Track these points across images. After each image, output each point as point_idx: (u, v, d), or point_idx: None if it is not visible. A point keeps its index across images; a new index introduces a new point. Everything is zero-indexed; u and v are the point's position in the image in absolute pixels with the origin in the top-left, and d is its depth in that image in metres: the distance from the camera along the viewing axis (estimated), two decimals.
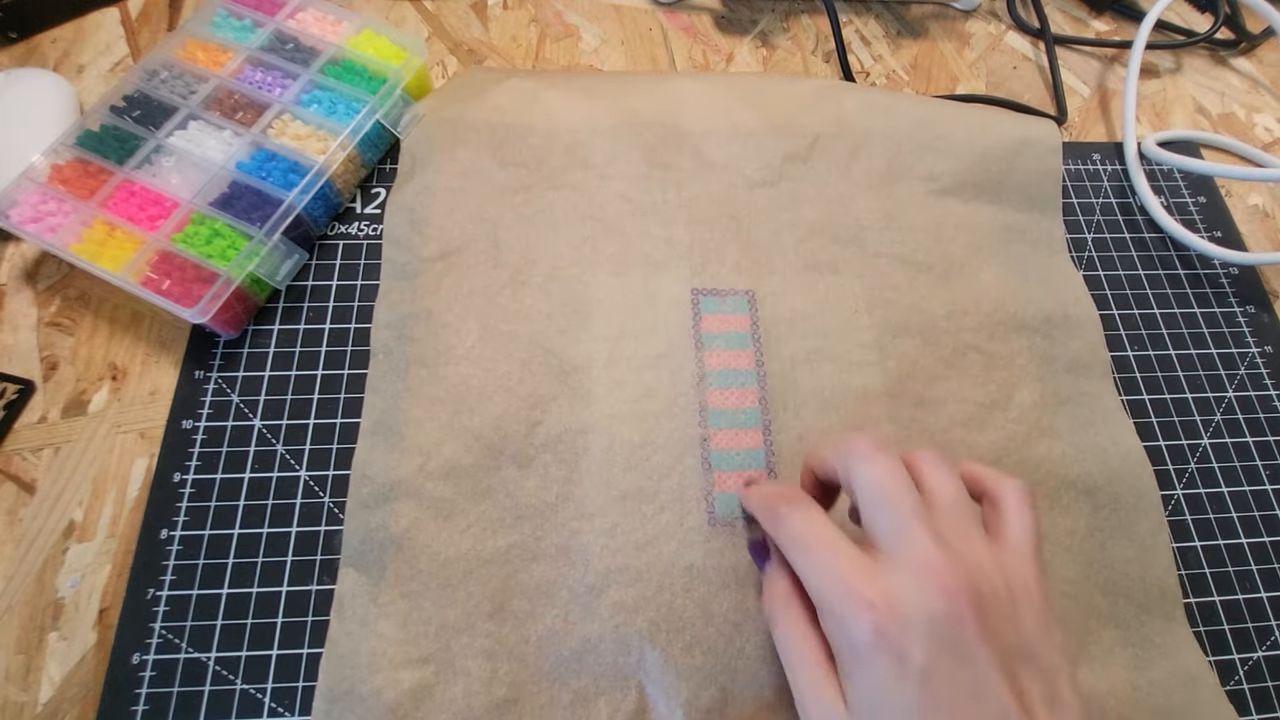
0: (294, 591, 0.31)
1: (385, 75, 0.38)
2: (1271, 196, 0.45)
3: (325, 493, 0.32)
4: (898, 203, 0.39)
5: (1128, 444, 0.35)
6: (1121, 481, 0.34)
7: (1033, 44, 0.50)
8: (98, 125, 0.36)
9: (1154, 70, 0.49)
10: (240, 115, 0.37)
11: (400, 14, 0.46)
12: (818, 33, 0.49)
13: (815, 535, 0.23)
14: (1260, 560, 0.34)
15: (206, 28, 0.39)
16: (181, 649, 0.29)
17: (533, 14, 0.47)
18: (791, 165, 0.39)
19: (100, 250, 0.33)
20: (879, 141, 0.40)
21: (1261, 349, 0.40)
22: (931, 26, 0.50)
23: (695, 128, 0.40)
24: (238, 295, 0.34)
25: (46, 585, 0.30)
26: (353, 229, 0.38)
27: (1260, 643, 0.33)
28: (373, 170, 0.40)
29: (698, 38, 0.48)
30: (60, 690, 0.29)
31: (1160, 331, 0.40)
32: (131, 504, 0.32)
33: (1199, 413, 0.38)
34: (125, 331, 0.36)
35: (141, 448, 0.33)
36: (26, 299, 0.36)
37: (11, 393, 0.33)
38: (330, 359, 0.35)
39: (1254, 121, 0.48)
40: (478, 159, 0.38)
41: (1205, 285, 0.41)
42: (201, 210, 0.34)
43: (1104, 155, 0.45)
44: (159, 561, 0.31)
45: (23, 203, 0.34)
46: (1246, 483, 0.36)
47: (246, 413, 0.34)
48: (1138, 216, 0.43)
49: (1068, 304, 0.38)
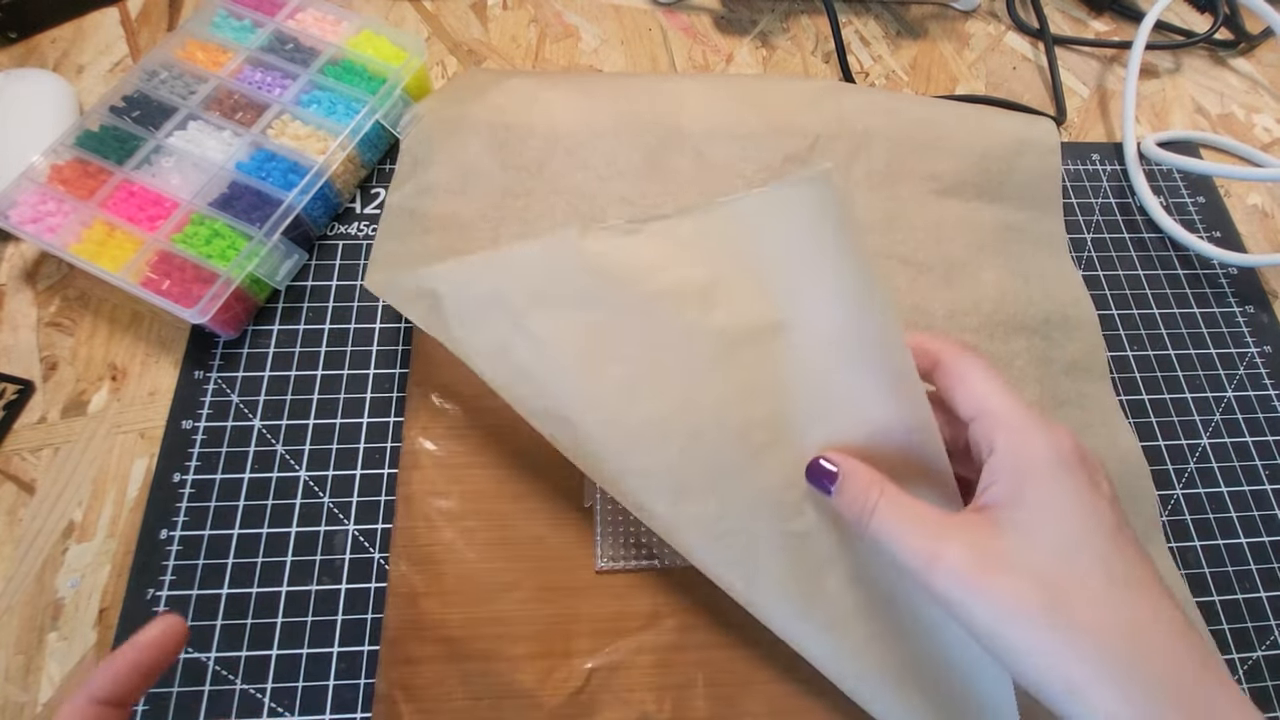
0: (294, 591, 0.31)
1: (385, 75, 0.38)
2: (1271, 196, 0.45)
3: (325, 493, 0.32)
4: (899, 203, 0.39)
5: (1125, 445, 0.35)
6: (1118, 482, 0.34)
7: (1032, 44, 0.50)
8: (97, 125, 0.36)
9: (1153, 70, 0.49)
10: (240, 115, 0.37)
11: (400, 14, 0.46)
12: (817, 33, 0.49)
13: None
14: (1260, 560, 0.34)
15: (206, 28, 0.39)
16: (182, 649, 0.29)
17: (532, 14, 0.47)
18: (792, 166, 0.39)
19: (100, 250, 0.33)
20: (879, 142, 0.40)
21: (1261, 349, 0.40)
22: (931, 27, 0.50)
23: (695, 129, 0.40)
24: (237, 295, 0.34)
25: (46, 585, 0.30)
26: (352, 229, 0.38)
27: (1260, 642, 0.33)
28: (373, 170, 0.40)
29: (697, 38, 0.48)
30: (60, 690, 0.29)
31: (1160, 331, 0.40)
32: (131, 504, 0.32)
33: (1199, 413, 0.38)
34: (125, 331, 0.36)
35: (141, 448, 0.33)
36: (26, 299, 0.36)
37: (11, 393, 0.33)
38: (330, 359, 0.35)
39: (1253, 121, 0.48)
40: (479, 161, 0.38)
41: (1205, 285, 0.41)
42: (201, 210, 0.34)
43: (1103, 155, 0.45)
44: (159, 561, 0.31)
45: (23, 203, 0.34)
46: (1246, 483, 0.36)
47: (246, 413, 0.34)
48: (1137, 217, 0.43)
49: (1067, 305, 0.38)
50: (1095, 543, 0.21)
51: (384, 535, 0.32)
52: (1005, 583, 0.21)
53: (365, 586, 0.31)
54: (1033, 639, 0.20)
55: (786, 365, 0.27)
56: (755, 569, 0.26)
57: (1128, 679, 0.19)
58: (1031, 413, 0.23)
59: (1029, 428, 0.22)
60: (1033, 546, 0.21)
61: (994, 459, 0.22)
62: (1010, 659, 0.21)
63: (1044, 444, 0.22)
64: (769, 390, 0.27)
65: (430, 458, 0.33)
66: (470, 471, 0.33)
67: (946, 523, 0.22)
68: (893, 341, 0.24)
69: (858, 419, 0.26)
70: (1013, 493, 0.22)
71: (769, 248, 0.26)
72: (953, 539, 0.22)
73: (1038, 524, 0.21)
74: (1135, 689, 0.19)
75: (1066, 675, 0.20)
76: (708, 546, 0.26)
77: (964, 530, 0.22)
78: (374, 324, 0.36)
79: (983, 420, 0.23)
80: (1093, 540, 0.21)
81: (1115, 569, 0.21)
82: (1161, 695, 0.19)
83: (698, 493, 0.26)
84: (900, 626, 0.26)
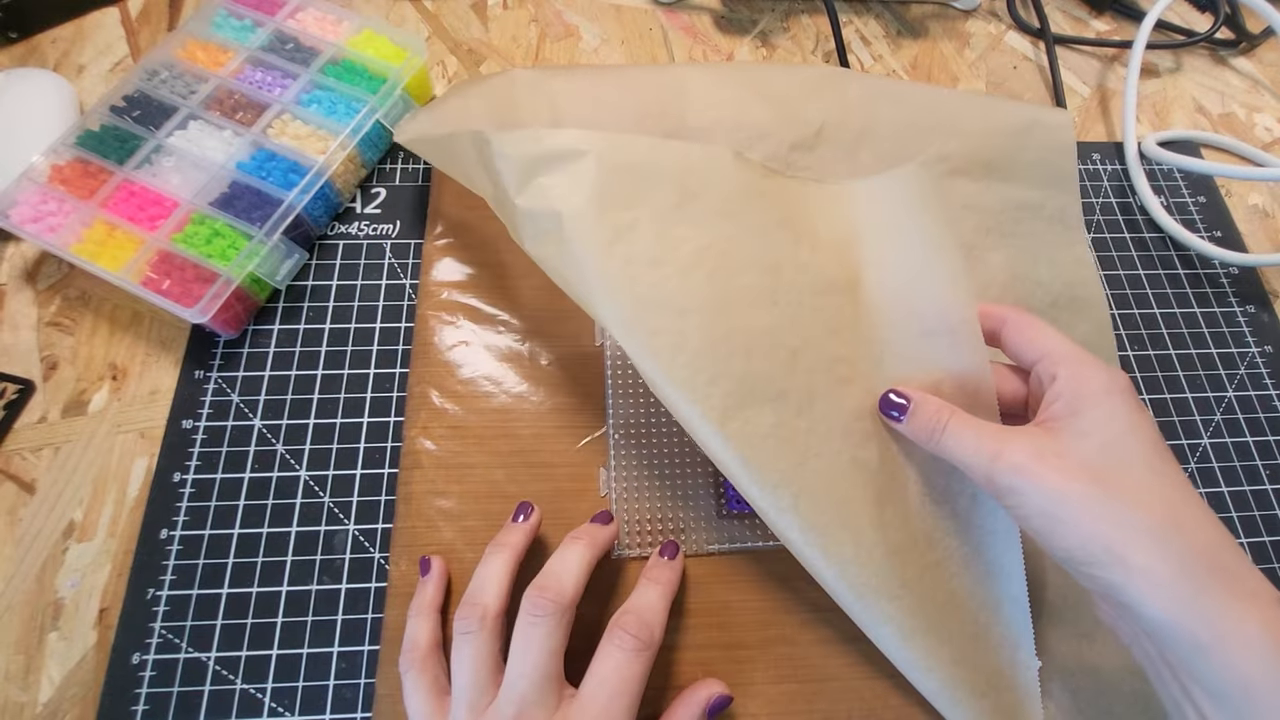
0: (294, 591, 0.31)
1: (385, 75, 0.38)
2: (1271, 196, 0.45)
3: (325, 493, 0.32)
4: None
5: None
6: None
7: (1033, 44, 0.50)
8: (98, 125, 0.36)
9: (1154, 70, 0.49)
10: (240, 115, 0.37)
11: (400, 14, 0.46)
12: (818, 32, 0.49)
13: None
14: (1260, 560, 0.34)
15: (207, 28, 0.39)
16: (181, 649, 0.29)
17: (533, 14, 0.47)
18: (799, 155, 0.39)
19: (100, 250, 0.33)
20: (885, 126, 0.40)
21: (1261, 349, 0.40)
22: (931, 26, 0.50)
23: (701, 121, 0.39)
24: (238, 295, 0.34)
25: (46, 585, 0.30)
26: (353, 229, 0.38)
27: None
28: (373, 170, 0.40)
29: (698, 37, 0.48)
30: (60, 690, 0.29)
31: (1160, 331, 0.40)
32: (131, 504, 0.32)
33: (1199, 413, 0.38)
34: (125, 331, 0.36)
35: (141, 448, 0.33)
36: (26, 299, 0.36)
37: (11, 393, 0.33)
38: (330, 359, 0.35)
39: (1254, 121, 0.48)
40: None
41: (1205, 285, 0.41)
42: (201, 210, 0.34)
43: (1104, 155, 0.45)
44: (159, 561, 0.31)
45: (23, 203, 0.34)
46: (1246, 483, 0.36)
47: (246, 413, 0.34)
48: (1138, 216, 0.43)
49: (1075, 286, 0.38)
50: (1139, 445, 0.24)
51: (384, 535, 0.32)
52: (1058, 466, 0.23)
53: (365, 586, 0.31)
54: (1079, 511, 0.23)
55: (865, 315, 0.31)
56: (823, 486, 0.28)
57: (1163, 543, 0.22)
58: (1088, 353, 0.26)
59: (1087, 362, 0.25)
60: (1084, 445, 0.24)
61: (1055, 385, 0.25)
62: (1060, 534, 0.23)
63: (1101, 374, 0.25)
64: (851, 333, 0.30)
65: (430, 458, 0.33)
66: (470, 471, 0.33)
67: (1009, 430, 0.25)
68: (963, 298, 0.29)
69: (923, 363, 0.29)
70: (1070, 409, 0.25)
71: (864, 219, 0.32)
72: (1014, 440, 0.25)
73: (1089, 430, 0.24)
74: (1170, 551, 0.22)
75: (1108, 541, 0.22)
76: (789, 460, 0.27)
77: (1024, 435, 0.25)
78: (374, 324, 0.36)
79: (1046, 360, 0.26)
80: (1137, 443, 0.24)
81: (1155, 465, 0.23)
82: (1193, 559, 0.22)
83: (794, 404, 0.28)
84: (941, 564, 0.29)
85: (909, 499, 0.29)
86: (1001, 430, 0.26)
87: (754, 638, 0.31)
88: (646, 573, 0.29)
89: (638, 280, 0.27)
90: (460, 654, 0.26)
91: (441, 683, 0.27)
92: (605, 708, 0.24)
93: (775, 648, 0.30)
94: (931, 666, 0.27)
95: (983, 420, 0.27)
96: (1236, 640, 0.21)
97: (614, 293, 0.27)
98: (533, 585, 0.26)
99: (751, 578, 0.32)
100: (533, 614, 0.25)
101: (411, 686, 0.27)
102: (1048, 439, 0.24)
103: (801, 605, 0.31)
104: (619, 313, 0.27)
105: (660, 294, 0.27)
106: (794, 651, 0.30)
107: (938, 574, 0.28)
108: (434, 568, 0.30)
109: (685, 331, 0.27)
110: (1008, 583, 0.29)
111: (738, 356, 0.27)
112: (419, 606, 0.29)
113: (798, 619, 0.31)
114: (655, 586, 0.28)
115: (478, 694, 0.25)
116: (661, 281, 0.28)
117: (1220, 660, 0.21)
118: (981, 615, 0.29)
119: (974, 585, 0.29)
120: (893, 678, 0.29)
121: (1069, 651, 0.30)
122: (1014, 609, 0.29)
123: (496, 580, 0.27)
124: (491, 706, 0.25)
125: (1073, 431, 0.24)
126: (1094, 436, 0.24)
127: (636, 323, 0.27)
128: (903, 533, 0.28)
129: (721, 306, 0.28)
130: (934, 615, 0.28)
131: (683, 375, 0.27)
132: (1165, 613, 0.21)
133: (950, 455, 0.26)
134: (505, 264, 0.37)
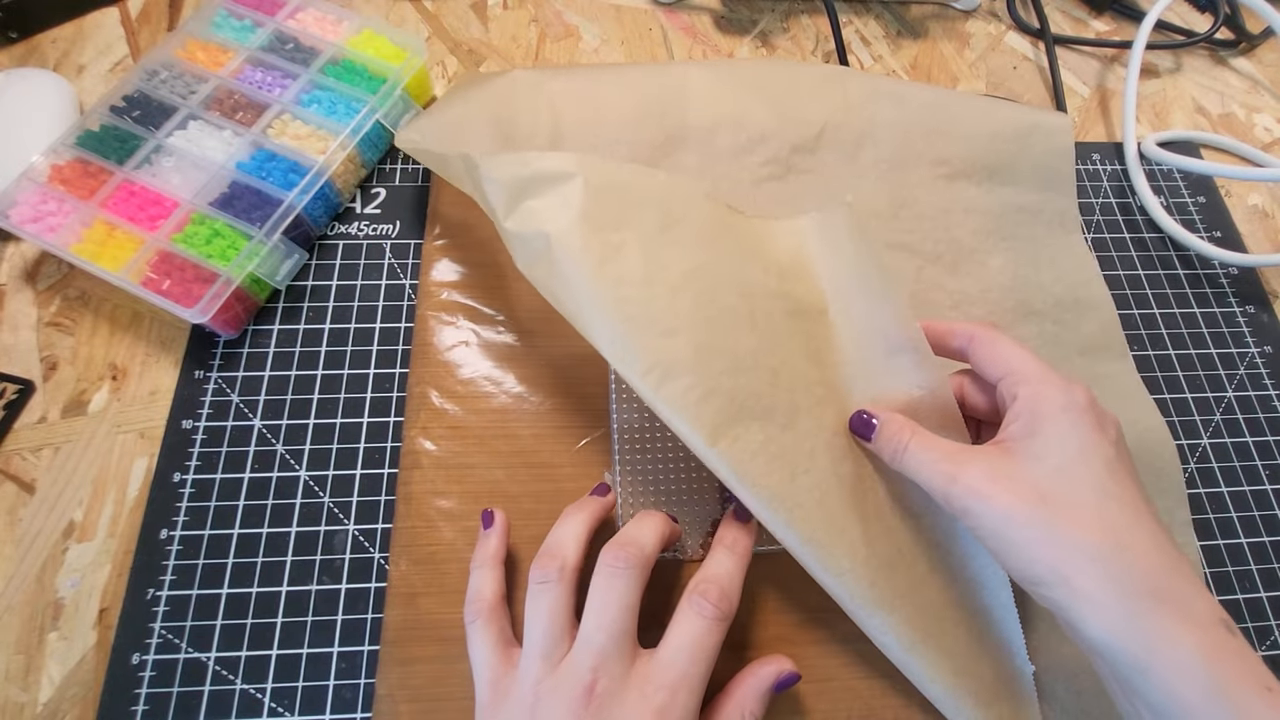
0: (294, 591, 0.31)
1: (385, 75, 0.38)
2: (1271, 196, 0.45)
3: (325, 493, 0.32)
4: (907, 189, 0.39)
5: (1148, 422, 0.35)
6: (1143, 457, 0.34)
7: (1033, 44, 0.50)
8: (98, 125, 0.36)
9: (1154, 70, 0.49)
10: (240, 115, 0.37)
11: (400, 14, 0.46)
12: (818, 33, 0.49)
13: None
14: (1260, 560, 0.34)
15: (206, 28, 0.39)
16: (181, 649, 0.29)
17: (533, 14, 0.47)
18: (800, 157, 0.39)
19: (100, 250, 0.33)
20: (886, 128, 0.40)
21: (1261, 349, 0.40)
22: (931, 26, 0.50)
23: (702, 122, 0.39)
24: (238, 295, 0.34)
25: (46, 585, 0.30)
26: (353, 229, 0.38)
27: (1260, 642, 0.33)
28: (373, 170, 0.40)
29: (698, 38, 0.48)
30: (60, 690, 0.29)
31: (1160, 331, 0.40)
32: (131, 504, 0.32)
33: (1199, 413, 0.38)
34: (125, 331, 0.36)
35: (141, 448, 0.33)
36: (26, 299, 0.36)
37: (11, 393, 0.33)
38: (330, 359, 0.35)
39: (1254, 121, 0.48)
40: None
41: (1205, 285, 0.41)
42: (201, 210, 0.34)
43: (1104, 155, 0.45)
44: (159, 561, 0.31)
45: (23, 203, 0.34)
46: (1246, 483, 0.36)
47: (246, 413, 0.34)
48: (1137, 216, 0.43)
49: (1078, 287, 0.38)
50: (1092, 467, 0.24)
51: (384, 535, 0.32)
52: (1009, 489, 0.24)
53: (365, 586, 0.31)
54: (1028, 534, 0.23)
55: (833, 339, 0.32)
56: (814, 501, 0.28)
57: (1105, 566, 0.22)
58: (1050, 370, 0.26)
59: (1047, 380, 0.26)
60: (1036, 467, 0.24)
61: (1015, 405, 0.26)
62: (1010, 555, 0.24)
63: (1059, 393, 0.25)
64: (822, 357, 0.31)
65: (430, 458, 0.33)
66: (470, 472, 0.33)
67: (966, 451, 0.26)
68: (906, 323, 0.29)
69: (888, 384, 0.30)
70: (1027, 429, 0.25)
71: (816, 252, 0.33)
72: (971, 462, 0.25)
73: (1044, 451, 0.24)
74: (1111, 574, 0.22)
75: (1054, 564, 0.23)
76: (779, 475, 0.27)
77: (981, 456, 0.25)
78: (374, 324, 0.36)
79: (1009, 378, 0.27)
80: (1090, 465, 0.24)
81: (1107, 488, 0.24)
82: (1134, 582, 0.22)
83: (779, 420, 0.28)
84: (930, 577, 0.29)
85: (893, 514, 0.29)
86: (961, 451, 0.26)
87: (754, 638, 0.31)
88: (721, 538, 0.28)
89: (628, 300, 0.27)
90: (536, 604, 0.26)
91: (508, 634, 0.27)
92: (685, 672, 0.24)
93: (775, 647, 0.30)
94: (934, 677, 0.27)
95: (945, 440, 0.27)
96: (1171, 663, 0.21)
97: (605, 311, 0.27)
98: (612, 542, 0.27)
99: (751, 578, 0.31)
100: (613, 565, 0.26)
101: (478, 637, 0.27)
102: (1003, 460, 0.25)
103: (800, 606, 0.31)
104: (610, 331, 0.27)
105: (650, 313, 0.27)
106: (793, 651, 0.30)
107: (929, 586, 0.29)
108: (497, 520, 0.30)
109: (675, 350, 0.27)
110: (996, 592, 0.29)
111: (726, 375, 0.27)
112: (483, 558, 0.29)
113: (797, 619, 0.31)
114: (732, 556, 0.28)
115: (552, 644, 0.25)
116: (651, 301, 0.27)
117: (1158, 682, 0.21)
118: (975, 624, 0.29)
119: (964, 596, 0.29)
120: (892, 678, 0.29)
121: (1072, 653, 0.30)
122: (1005, 616, 0.29)
123: (575, 536, 0.28)
124: (567, 659, 0.25)
125: (1027, 453, 0.24)
126: (1047, 459, 0.24)
127: (628, 341, 0.27)
128: (890, 547, 0.28)
129: (708, 327, 0.28)
130: (931, 626, 0.28)
131: (673, 393, 0.27)
132: (1107, 633, 0.22)
133: (913, 474, 0.27)
134: (505, 264, 0.37)
